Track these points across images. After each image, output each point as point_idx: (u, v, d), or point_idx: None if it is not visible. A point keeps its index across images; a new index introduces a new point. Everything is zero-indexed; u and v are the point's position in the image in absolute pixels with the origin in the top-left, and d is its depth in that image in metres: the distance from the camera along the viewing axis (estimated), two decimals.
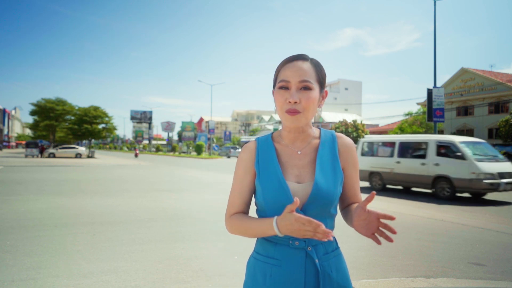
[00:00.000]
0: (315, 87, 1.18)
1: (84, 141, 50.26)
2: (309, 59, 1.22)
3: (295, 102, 1.15)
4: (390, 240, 1.07)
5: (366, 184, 12.39)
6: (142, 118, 73.32)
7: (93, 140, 51.31)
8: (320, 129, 1.31)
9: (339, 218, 1.31)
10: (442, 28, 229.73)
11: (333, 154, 1.24)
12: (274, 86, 1.24)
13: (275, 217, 1.11)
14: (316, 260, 1.16)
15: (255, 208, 1.28)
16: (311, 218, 1.04)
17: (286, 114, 1.17)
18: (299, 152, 1.24)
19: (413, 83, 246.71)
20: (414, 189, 11.91)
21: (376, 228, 1.09)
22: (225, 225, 1.27)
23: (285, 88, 1.18)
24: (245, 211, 1.27)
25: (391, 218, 1.06)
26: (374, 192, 1.05)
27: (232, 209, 1.26)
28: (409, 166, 10.81)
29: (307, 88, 1.17)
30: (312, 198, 1.15)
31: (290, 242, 1.16)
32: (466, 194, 10.62)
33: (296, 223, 1.05)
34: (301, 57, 1.21)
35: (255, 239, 1.29)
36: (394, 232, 1.06)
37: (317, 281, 1.15)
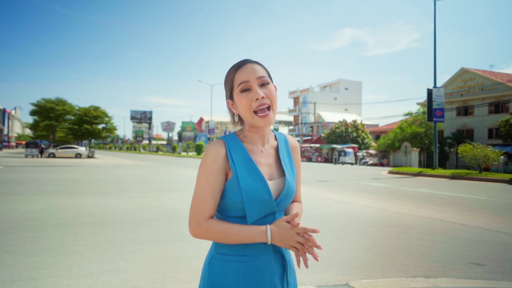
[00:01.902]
0: (270, 82, 1.26)
1: (84, 141, 50.25)
2: (254, 61, 1.27)
3: (263, 97, 1.20)
4: (305, 264, 1.17)
5: None
6: (142, 118, 73.36)
7: (93, 140, 51.29)
8: (272, 131, 1.39)
9: (340, 218, 1.31)
10: (442, 28, 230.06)
11: (288, 153, 1.35)
12: (230, 95, 1.28)
13: (268, 225, 1.18)
14: (282, 251, 1.26)
15: (218, 210, 1.26)
16: (307, 228, 1.14)
17: (257, 117, 1.21)
18: (263, 151, 1.29)
19: (413, 83, 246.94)
20: (410, 188, 11.87)
21: (294, 242, 1.16)
22: (194, 230, 1.20)
23: (247, 89, 1.22)
24: (214, 215, 1.24)
25: (314, 231, 1.14)
26: (297, 212, 1.16)
27: (205, 212, 1.19)
28: None
29: (265, 83, 1.23)
30: (284, 193, 1.24)
31: None
32: (468, 194, 10.59)
33: (291, 232, 1.15)
34: (248, 61, 1.26)
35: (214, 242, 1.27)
36: (316, 246, 1.15)
37: (283, 269, 1.26)
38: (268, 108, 1.21)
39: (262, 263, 1.21)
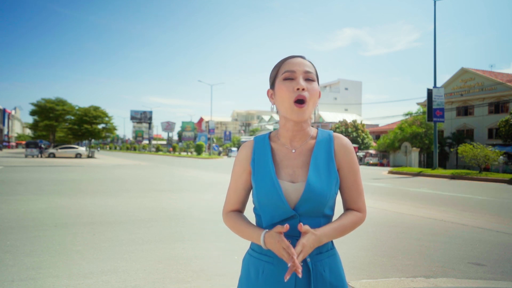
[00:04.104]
0: (316, 80, 1.23)
1: (84, 141, 50.25)
2: (307, 59, 1.26)
3: (303, 89, 1.16)
4: (297, 272, 1.06)
5: None
6: (142, 118, 73.33)
7: (93, 140, 51.31)
8: (318, 129, 1.31)
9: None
10: (442, 28, 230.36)
11: (329, 155, 1.23)
12: (272, 84, 1.25)
13: (265, 231, 1.16)
14: (308, 259, 1.16)
15: (253, 206, 1.30)
16: (290, 245, 1.08)
17: (295, 106, 1.17)
18: (293, 151, 1.24)
19: (413, 83, 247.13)
20: (410, 188, 11.87)
21: (282, 255, 1.12)
22: (222, 219, 1.33)
23: (290, 79, 1.19)
24: (240, 209, 1.32)
25: (292, 253, 1.07)
26: (287, 225, 1.10)
27: (228, 206, 1.32)
28: None
29: (310, 80, 1.20)
30: (304, 198, 1.16)
31: None
32: (468, 194, 10.59)
33: (278, 244, 1.10)
34: (300, 56, 1.26)
35: None
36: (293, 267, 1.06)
37: (308, 280, 1.16)
38: (305, 102, 1.17)
39: (281, 269, 1.17)
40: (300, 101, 1.17)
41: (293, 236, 1.16)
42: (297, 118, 1.19)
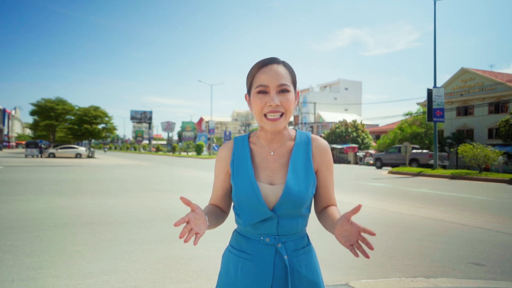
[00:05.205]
0: (291, 89, 1.21)
1: (84, 141, 50.27)
2: (281, 62, 1.23)
3: (277, 105, 1.18)
4: (366, 255, 1.05)
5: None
6: (142, 118, 73.41)
7: (93, 140, 51.34)
8: (296, 130, 1.33)
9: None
10: (442, 28, 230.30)
11: (307, 157, 1.26)
12: (249, 91, 1.26)
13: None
14: (285, 257, 1.20)
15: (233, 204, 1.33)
16: (180, 220, 1.04)
17: (266, 119, 1.19)
18: (272, 153, 1.26)
19: (413, 83, 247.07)
20: (410, 188, 11.86)
21: (356, 241, 1.06)
22: None
23: (264, 92, 1.19)
24: (220, 205, 1.35)
25: (371, 233, 1.01)
26: (360, 204, 1.04)
27: (210, 201, 1.37)
28: None
29: (285, 91, 1.19)
30: (282, 200, 1.18)
31: (261, 238, 1.21)
32: (468, 194, 10.59)
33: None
34: (275, 61, 1.22)
35: (232, 233, 1.35)
36: (371, 248, 1.01)
37: (286, 276, 1.19)
38: (281, 115, 1.19)
39: (261, 265, 1.19)
40: (274, 114, 1.19)
41: (271, 235, 1.20)
42: (271, 130, 1.21)
